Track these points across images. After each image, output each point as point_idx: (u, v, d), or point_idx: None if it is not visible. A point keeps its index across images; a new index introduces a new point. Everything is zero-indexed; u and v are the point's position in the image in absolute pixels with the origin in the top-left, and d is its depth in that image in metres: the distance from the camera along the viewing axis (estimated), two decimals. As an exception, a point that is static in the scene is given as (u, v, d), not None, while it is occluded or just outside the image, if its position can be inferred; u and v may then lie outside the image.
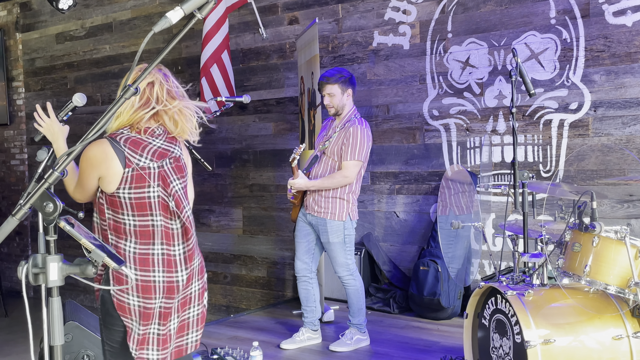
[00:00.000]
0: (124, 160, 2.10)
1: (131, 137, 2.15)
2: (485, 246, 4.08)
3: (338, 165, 3.81)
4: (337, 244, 3.82)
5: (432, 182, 4.81)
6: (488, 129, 4.56)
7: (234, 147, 5.88)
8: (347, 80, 3.83)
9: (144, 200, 2.14)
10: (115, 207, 2.14)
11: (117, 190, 2.11)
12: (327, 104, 3.84)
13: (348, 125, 3.79)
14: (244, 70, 5.77)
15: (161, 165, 2.18)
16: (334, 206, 3.81)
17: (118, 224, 2.14)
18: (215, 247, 6.01)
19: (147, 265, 2.14)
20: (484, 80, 4.55)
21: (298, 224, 3.99)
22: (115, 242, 2.15)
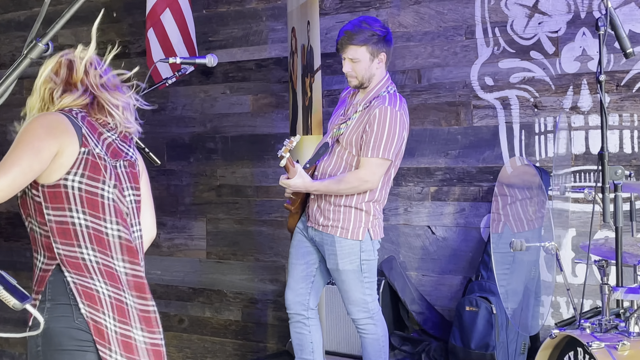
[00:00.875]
0: (80, 136, 2.27)
1: (85, 114, 2.34)
2: (561, 277, 4.06)
3: (357, 160, 3.81)
4: (351, 273, 3.82)
5: (483, 184, 4.79)
6: (566, 106, 4.54)
7: (194, 130, 5.87)
8: (381, 40, 3.81)
9: (97, 199, 2.29)
10: (60, 202, 2.24)
11: (65, 175, 2.23)
12: (347, 72, 3.84)
13: (375, 104, 3.79)
14: (209, 18, 5.75)
15: (116, 166, 2.38)
16: (347, 218, 3.82)
17: (64, 225, 2.25)
18: (167, 277, 6.00)
19: (115, 282, 2.30)
20: (559, 33, 4.54)
21: (295, 239, 4.02)
22: (66, 252, 2.25)
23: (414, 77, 4.98)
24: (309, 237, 3.95)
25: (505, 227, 3.91)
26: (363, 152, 3.75)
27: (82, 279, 2.25)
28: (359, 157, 3.78)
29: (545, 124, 4.61)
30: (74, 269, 2.24)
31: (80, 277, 2.25)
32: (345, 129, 3.83)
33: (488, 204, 4.74)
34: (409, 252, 5.04)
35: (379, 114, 3.73)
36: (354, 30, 3.77)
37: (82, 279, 2.25)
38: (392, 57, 4.97)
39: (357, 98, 3.94)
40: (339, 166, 3.86)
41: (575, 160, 4.52)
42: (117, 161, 2.38)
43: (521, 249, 3.15)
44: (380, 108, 3.74)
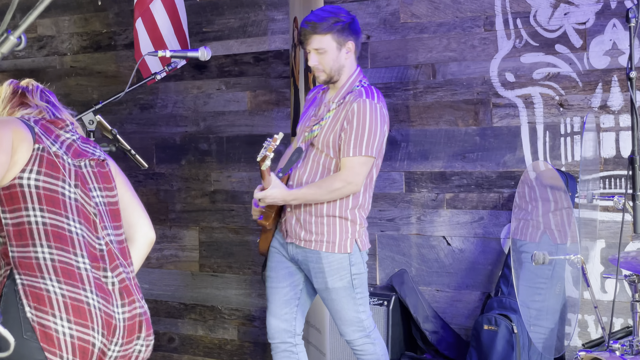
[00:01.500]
0: (33, 134, 2.36)
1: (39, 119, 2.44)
2: (589, 293, 4.06)
3: (335, 163, 3.81)
4: (342, 290, 3.81)
5: (503, 190, 4.80)
6: (594, 105, 4.55)
7: (186, 130, 5.88)
8: (345, 27, 3.80)
9: (57, 196, 2.35)
10: (16, 203, 2.30)
11: (20, 174, 2.30)
12: (314, 66, 3.82)
13: (350, 100, 3.79)
14: (202, 7, 5.77)
15: (78, 166, 2.45)
16: (332, 230, 3.80)
17: (19, 226, 2.30)
18: (156, 291, 6.01)
19: (74, 279, 2.31)
20: (588, 25, 4.55)
21: (272, 260, 3.98)
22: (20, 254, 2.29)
23: (428, 73, 4.99)
24: (289, 255, 3.91)
25: (528, 238, 3.91)
26: (343, 151, 3.73)
27: (30, 279, 2.26)
28: (338, 158, 3.77)
29: (572, 125, 4.62)
30: (25, 269, 2.27)
31: (29, 278, 2.26)
32: (319, 130, 3.81)
33: (509, 213, 4.74)
34: (422, 265, 5.04)
35: (357, 109, 3.72)
36: (317, 19, 3.76)
37: (31, 279, 2.26)
38: (403, 49, 4.99)
39: (327, 96, 3.93)
40: (315, 172, 3.82)
41: (604, 165, 4.52)
42: (80, 161, 2.47)
43: (544, 263, 3.15)
44: (358, 102, 3.73)
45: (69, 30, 6.26)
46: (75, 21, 6.21)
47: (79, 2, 6.15)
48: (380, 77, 5.09)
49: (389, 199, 5.11)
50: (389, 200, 5.11)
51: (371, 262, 5.14)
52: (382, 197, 5.12)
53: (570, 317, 4.45)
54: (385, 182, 5.10)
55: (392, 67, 5.03)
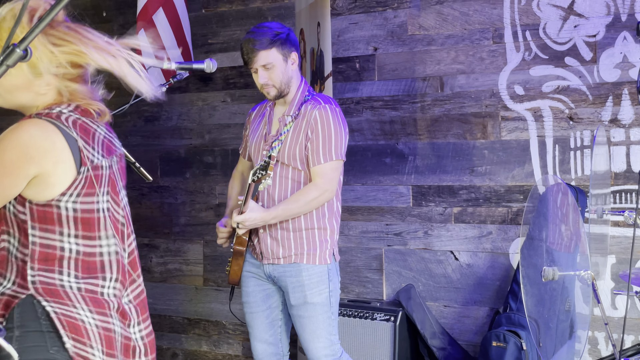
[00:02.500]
0: (77, 153, 2.19)
1: (76, 117, 2.24)
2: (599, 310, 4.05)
3: (304, 175, 3.81)
4: (319, 307, 3.78)
5: (512, 204, 4.80)
6: (605, 118, 4.55)
7: (191, 143, 5.89)
8: (287, 39, 3.81)
9: (93, 216, 2.25)
10: (50, 224, 2.20)
11: (60, 196, 2.18)
12: (264, 83, 3.82)
13: (309, 109, 3.80)
14: (208, 18, 5.78)
15: (110, 165, 2.32)
16: (312, 242, 3.80)
17: (51, 249, 2.20)
18: (160, 306, 6.01)
19: (102, 307, 2.26)
20: (598, 38, 4.56)
21: (247, 285, 3.95)
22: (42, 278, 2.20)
23: (436, 85, 4.99)
24: (266, 276, 3.89)
25: (537, 253, 3.90)
26: (313, 160, 3.75)
27: (63, 308, 2.20)
28: (306, 170, 3.78)
29: (582, 138, 4.61)
30: (52, 296, 2.19)
31: (61, 306, 2.20)
32: (281, 145, 3.81)
33: (517, 227, 4.74)
34: (430, 280, 5.04)
35: (319, 116, 3.75)
36: (256, 36, 3.77)
37: (64, 307, 2.20)
38: (411, 62, 5.00)
39: (278, 111, 3.94)
40: (286, 187, 3.82)
41: (614, 179, 4.51)
42: (111, 159, 2.33)
43: (554, 278, 3.14)
44: (319, 109, 3.76)
45: (73, 42, 6.26)
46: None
47: (83, 13, 6.16)
48: (387, 90, 5.09)
49: (395, 213, 5.10)
50: (396, 214, 5.10)
51: (378, 276, 5.14)
52: (389, 211, 5.12)
53: (580, 334, 4.44)
54: (392, 196, 5.10)
55: (399, 79, 5.03)
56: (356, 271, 5.24)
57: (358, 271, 5.21)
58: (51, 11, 1.29)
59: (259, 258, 3.87)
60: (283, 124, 3.85)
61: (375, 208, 5.16)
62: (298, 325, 3.84)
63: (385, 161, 5.09)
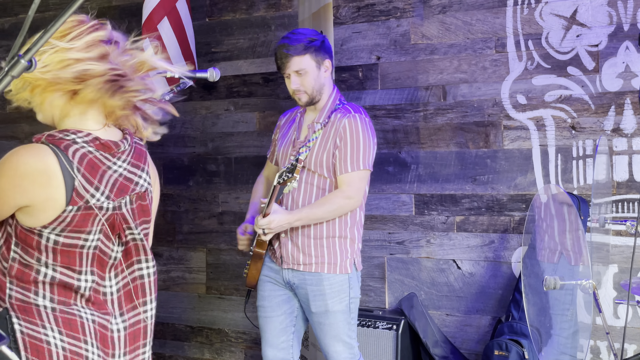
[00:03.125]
0: (71, 190, 2.11)
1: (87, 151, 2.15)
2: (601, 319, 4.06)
3: (330, 182, 3.82)
4: (339, 314, 3.81)
5: (514, 213, 4.80)
6: (607, 127, 4.56)
7: (194, 151, 5.90)
8: (321, 46, 3.83)
9: (74, 250, 2.18)
10: (30, 247, 2.16)
11: (42, 228, 2.13)
12: (295, 89, 3.84)
13: (338, 118, 3.81)
14: (212, 27, 5.80)
15: (118, 206, 2.22)
16: (333, 251, 3.81)
17: (27, 269, 2.17)
18: (162, 313, 6.01)
19: (75, 330, 2.18)
20: (600, 47, 4.57)
21: (264, 289, 3.94)
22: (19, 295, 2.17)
23: (439, 94, 5.00)
24: (284, 282, 3.89)
25: (539, 262, 3.90)
26: (340, 168, 3.76)
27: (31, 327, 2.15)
28: (332, 177, 3.80)
29: (584, 148, 4.62)
30: (24, 314, 2.15)
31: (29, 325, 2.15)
32: (309, 151, 3.82)
33: (520, 236, 4.74)
34: (432, 288, 5.04)
35: (349, 125, 3.76)
36: (291, 42, 3.79)
37: (32, 327, 2.15)
38: (413, 70, 5.01)
39: (308, 118, 3.95)
40: (310, 193, 3.84)
41: (616, 189, 4.51)
42: (121, 200, 2.24)
43: (555, 287, 3.14)
44: (349, 118, 3.78)
45: (77, 50, 6.28)
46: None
47: (87, 21, 6.18)
48: (390, 99, 5.10)
49: (398, 222, 5.11)
50: (399, 222, 5.11)
51: (380, 285, 5.14)
52: (392, 220, 5.12)
53: (582, 343, 4.43)
54: (394, 205, 5.10)
55: (402, 88, 5.04)
56: (359, 279, 5.24)
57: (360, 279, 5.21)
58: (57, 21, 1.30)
59: (278, 262, 3.87)
60: (312, 131, 3.86)
61: (378, 216, 5.16)
62: (318, 330, 3.85)
63: (387, 170, 5.10)
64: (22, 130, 6.47)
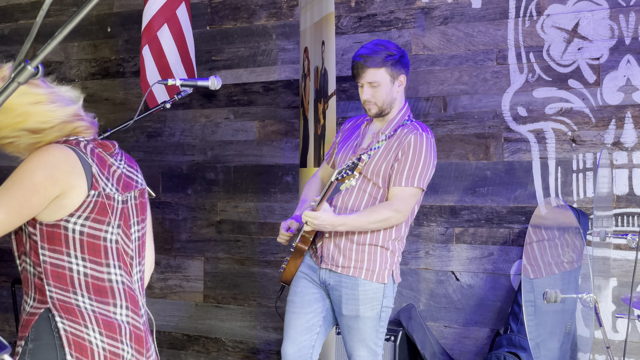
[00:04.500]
0: (90, 177, 2.28)
1: (93, 147, 2.35)
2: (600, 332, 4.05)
3: (382, 192, 3.81)
4: (369, 320, 3.81)
5: (514, 225, 4.80)
6: (607, 141, 4.56)
7: (193, 159, 5.89)
8: (398, 61, 3.85)
9: (99, 242, 2.30)
10: (57, 245, 2.25)
11: (68, 217, 2.25)
12: (366, 100, 3.86)
13: (405, 133, 3.82)
14: (212, 35, 5.80)
15: (126, 201, 2.39)
16: (373, 259, 3.81)
17: (60, 269, 2.26)
18: (159, 322, 5.99)
19: (114, 332, 2.31)
20: (601, 61, 4.57)
21: (298, 285, 3.97)
22: (59, 295, 2.26)
23: (439, 105, 5.00)
24: (319, 281, 3.91)
25: (539, 275, 3.89)
26: (395, 181, 3.75)
27: (74, 326, 2.25)
28: (386, 188, 3.79)
29: (584, 161, 4.62)
30: (67, 313, 2.26)
31: (72, 324, 2.25)
32: (368, 158, 3.80)
33: (519, 249, 4.74)
34: (430, 300, 5.03)
35: (414, 141, 3.76)
36: (370, 53, 3.81)
37: (75, 326, 2.25)
38: (414, 81, 5.01)
39: (374, 127, 3.96)
40: (361, 199, 3.84)
41: (617, 202, 4.51)
42: (128, 194, 2.41)
43: (556, 301, 3.13)
44: (416, 135, 3.78)
45: (77, 57, 6.29)
46: (84, 47, 6.25)
47: (88, 28, 6.19)
48: (390, 109, 5.10)
49: (397, 233, 5.10)
50: (398, 233, 5.10)
51: (378, 296, 5.12)
52: (391, 231, 5.12)
53: (581, 357, 4.43)
54: (394, 215, 5.10)
55: (402, 99, 5.05)
56: (357, 290, 5.23)
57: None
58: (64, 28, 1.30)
59: (317, 261, 3.88)
60: (376, 140, 3.87)
61: (377, 227, 5.15)
62: (346, 333, 3.87)
63: (387, 180, 5.09)
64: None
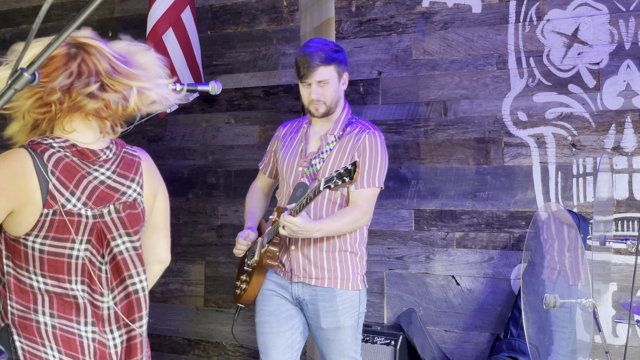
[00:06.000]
0: (45, 193, 2.14)
1: (63, 155, 2.19)
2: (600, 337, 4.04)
3: (341, 195, 3.74)
4: (349, 330, 3.77)
5: (514, 230, 4.80)
6: (607, 145, 4.56)
7: (194, 163, 5.90)
8: (343, 58, 3.78)
9: (62, 259, 2.20)
10: (18, 259, 2.19)
11: (26, 235, 2.16)
12: (315, 99, 3.74)
13: (356, 132, 3.78)
14: (213, 40, 5.81)
15: (100, 214, 2.25)
16: (345, 266, 3.77)
17: (21, 284, 2.19)
18: (160, 326, 6.00)
19: (75, 350, 2.20)
20: (601, 65, 4.57)
21: (269, 303, 3.84)
22: (19, 312, 2.19)
23: (439, 110, 5.00)
24: (292, 297, 3.80)
25: (538, 280, 3.89)
26: (357, 183, 3.69)
27: (32, 345, 2.17)
28: (343, 192, 3.70)
29: (584, 166, 4.62)
30: (25, 332, 2.18)
31: (30, 343, 2.17)
32: (322, 163, 3.76)
33: (519, 253, 4.73)
34: (431, 304, 5.03)
35: (369, 142, 3.73)
36: (318, 51, 3.71)
37: (33, 345, 2.17)
38: (414, 86, 5.02)
39: (316, 130, 3.88)
40: (321, 205, 3.76)
41: (617, 207, 4.51)
42: (103, 208, 2.26)
43: (555, 306, 3.13)
44: (369, 134, 3.74)
45: (78, 61, 6.29)
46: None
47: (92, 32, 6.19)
48: (391, 114, 5.10)
49: (397, 237, 5.10)
50: (398, 238, 5.10)
51: (378, 300, 5.13)
52: (391, 235, 5.12)
53: (580, 361, 4.43)
54: (394, 220, 5.10)
55: (403, 103, 5.04)
56: (357, 294, 5.24)
57: (359, 294, 5.20)
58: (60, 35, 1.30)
59: (287, 276, 3.78)
60: (325, 142, 3.80)
61: (377, 231, 5.16)
62: (325, 346, 3.79)
63: (387, 185, 5.09)
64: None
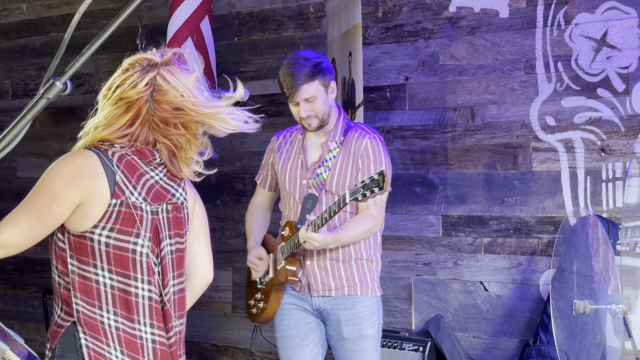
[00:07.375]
0: (113, 184, 2.25)
1: (125, 153, 2.31)
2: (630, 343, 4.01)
3: (351, 204, 3.64)
4: (371, 339, 3.73)
5: (543, 235, 4.77)
6: (637, 150, 4.53)
7: (222, 170, 5.91)
8: (325, 68, 3.69)
9: (127, 254, 2.27)
10: (84, 255, 2.24)
11: (92, 229, 2.22)
12: (306, 117, 3.68)
13: (356, 137, 3.74)
14: (240, 47, 5.82)
15: (155, 212, 2.34)
16: (362, 273, 3.74)
17: (87, 281, 2.25)
18: (188, 332, 5.97)
19: (136, 352, 2.28)
20: (630, 70, 4.54)
21: (290, 318, 3.80)
22: (85, 310, 2.25)
23: (467, 115, 4.99)
24: (312, 309, 3.77)
25: (568, 286, 3.87)
26: None
27: (97, 344, 2.24)
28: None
29: (614, 170, 4.59)
30: (90, 330, 2.24)
31: (95, 342, 2.24)
32: (328, 171, 3.72)
33: (548, 259, 4.71)
34: (459, 310, 5.01)
35: (371, 147, 3.71)
36: (297, 69, 3.63)
37: (98, 343, 2.24)
38: (442, 91, 5.01)
39: (314, 140, 3.83)
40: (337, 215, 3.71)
41: (647, 212, 4.48)
42: (158, 205, 2.36)
43: (585, 312, 3.11)
44: (370, 140, 3.72)
45: (107, 69, 6.33)
46: (114, 60, 6.29)
47: (118, 41, 6.24)
48: (418, 119, 5.10)
49: (425, 243, 5.09)
50: (426, 244, 5.09)
51: (406, 306, 5.12)
52: (419, 241, 5.11)
53: (611, 368, 4.39)
54: (422, 226, 5.09)
55: (430, 109, 5.03)
56: (385, 301, 5.22)
57: (387, 301, 5.18)
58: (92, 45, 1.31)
59: (302, 291, 3.75)
60: (327, 150, 3.76)
61: (405, 237, 5.15)
62: (347, 358, 3.73)
63: (415, 190, 5.09)
64: (52, 147, 6.52)
